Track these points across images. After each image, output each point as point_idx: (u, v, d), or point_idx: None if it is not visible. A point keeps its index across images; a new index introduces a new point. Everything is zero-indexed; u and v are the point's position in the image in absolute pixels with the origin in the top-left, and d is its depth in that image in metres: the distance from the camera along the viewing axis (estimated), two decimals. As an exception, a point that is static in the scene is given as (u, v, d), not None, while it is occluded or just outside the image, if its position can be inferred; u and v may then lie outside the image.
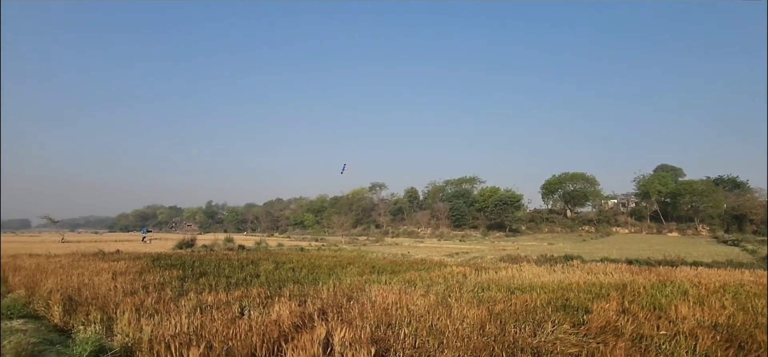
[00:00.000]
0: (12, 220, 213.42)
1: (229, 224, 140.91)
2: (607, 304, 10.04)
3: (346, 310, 8.59)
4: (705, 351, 6.80)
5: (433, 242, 66.00)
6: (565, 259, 26.12)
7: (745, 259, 30.37)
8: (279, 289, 11.86)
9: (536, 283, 14.07)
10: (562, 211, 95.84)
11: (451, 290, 11.99)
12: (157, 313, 7.94)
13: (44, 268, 15.55)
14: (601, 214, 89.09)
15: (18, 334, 6.75)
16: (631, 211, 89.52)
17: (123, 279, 12.98)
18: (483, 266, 21.25)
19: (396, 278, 14.99)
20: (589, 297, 11.17)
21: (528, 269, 19.15)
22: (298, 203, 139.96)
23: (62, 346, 6.41)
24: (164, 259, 22.02)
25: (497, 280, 15.02)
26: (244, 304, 9.31)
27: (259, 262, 20.84)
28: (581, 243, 57.78)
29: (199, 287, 12.09)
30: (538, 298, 10.48)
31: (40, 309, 9.30)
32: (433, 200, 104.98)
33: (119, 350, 5.86)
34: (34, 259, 20.17)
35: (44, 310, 9.11)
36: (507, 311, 8.90)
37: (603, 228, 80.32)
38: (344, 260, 23.34)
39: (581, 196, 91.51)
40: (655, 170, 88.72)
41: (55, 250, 29.23)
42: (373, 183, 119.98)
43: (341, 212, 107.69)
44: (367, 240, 69.30)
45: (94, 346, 5.43)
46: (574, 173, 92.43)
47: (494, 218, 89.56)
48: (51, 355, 5.88)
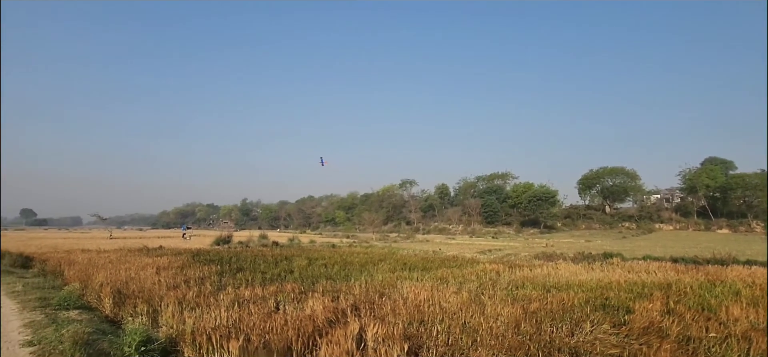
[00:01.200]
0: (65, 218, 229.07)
1: (263, 221, 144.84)
2: (651, 304, 9.59)
3: (378, 306, 8.64)
4: (759, 355, 6.38)
5: (465, 239, 65.21)
6: (604, 257, 25.10)
7: (805, 257, 28.10)
8: (312, 285, 12.10)
9: (573, 281, 13.63)
10: (600, 207, 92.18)
11: (485, 288, 11.82)
12: (198, 307, 8.30)
13: (95, 263, 16.58)
14: (642, 209, 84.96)
15: (74, 324, 7.24)
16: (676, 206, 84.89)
17: (166, 273, 13.63)
18: (517, 264, 20.81)
19: (428, 275, 14.94)
20: (630, 296, 10.71)
21: (564, 267, 18.58)
22: (330, 200, 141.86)
23: (113, 336, 6.82)
24: (203, 254, 22.94)
25: (532, 278, 14.66)
26: (279, 298, 9.57)
27: (293, 258, 21.32)
28: (621, 240, 55.38)
29: (237, 282, 12.53)
30: (575, 297, 10.15)
31: (93, 301, 9.93)
32: (465, 197, 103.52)
33: (164, 341, 6.16)
34: (86, 254, 21.52)
35: (96, 302, 9.73)
36: (543, 310, 8.68)
37: (645, 224, 76.63)
38: (375, 257, 23.49)
39: (621, 191, 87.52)
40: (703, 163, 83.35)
41: (105, 246, 31.10)
42: (403, 180, 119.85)
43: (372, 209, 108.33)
44: (397, 237, 69.37)
45: (141, 337, 5.75)
46: (613, 167, 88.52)
47: (528, 214, 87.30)
48: (104, 344, 6.27)
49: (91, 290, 10.68)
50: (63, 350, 5.86)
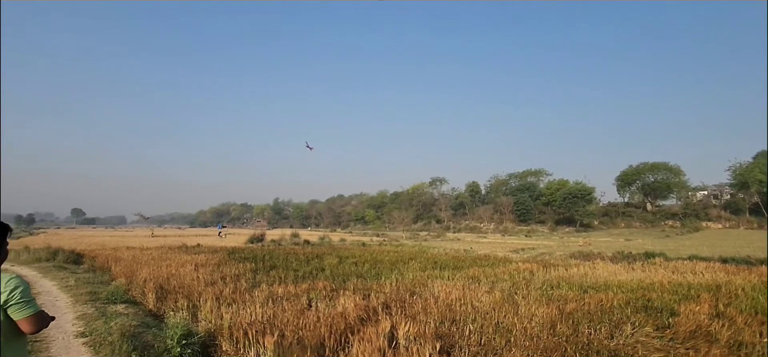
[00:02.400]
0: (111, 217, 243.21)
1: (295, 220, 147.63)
2: (698, 306, 9.06)
3: (409, 305, 8.63)
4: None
5: (497, 238, 63.97)
6: (646, 256, 23.92)
7: None
8: (343, 283, 12.22)
9: (612, 281, 13.09)
10: (640, 204, 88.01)
11: (518, 287, 11.56)
12: (234, 303, 8.56)
13: (139, 260, 17.44)
14: (687, 207, 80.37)
15: (122, 317, 7.65)
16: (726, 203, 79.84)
17: (204, 270, 14.16)
18: (552, 263, 20.21)
19: (459, 274, 14.76)
20: (675, 298, 10.18)
21: (602, 267, 17.89)
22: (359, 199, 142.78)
23: (157, 329, 7.15)
24: (238, 252, 23.64)
25: (568, 277, 14.20)
26: (311, 296, 9.74)
27: (324, 256, 21.61)
28: (664, 239, 52.68)
29: (270, 279, 12.85)
30: (614, 298, 9.74)
31: (138, 295, 10.46)
32: (496, 194, 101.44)
33: (204, 335, 6.40)
34: (131, 251, 22.67)
35: (141, 297, 10.23)
36: (580, 311, 8.39)
37: (690, 223, 72.50)
38: (406, 255, 23.45)
39: (663, 187, 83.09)
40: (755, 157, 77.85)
41: (147, 243, 32.64)
42: (433, 178, 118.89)
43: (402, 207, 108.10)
44: (427, 235, 68.96)
45: (183, 331, 5.99)
46: (654, 163, 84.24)
47: (563, 212, 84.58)
48: (148, 336, 6.59)
49: (135, 285, 11.24)
50: (112, 342, 6.21)
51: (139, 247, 27.02)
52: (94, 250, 24.65)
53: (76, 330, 7.11)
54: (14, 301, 2.20)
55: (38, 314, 2.29)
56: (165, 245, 29.50)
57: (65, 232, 74.70)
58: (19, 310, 2.21)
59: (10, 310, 2.20)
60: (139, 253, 21.44)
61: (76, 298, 10.12)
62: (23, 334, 2.29)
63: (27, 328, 2.26)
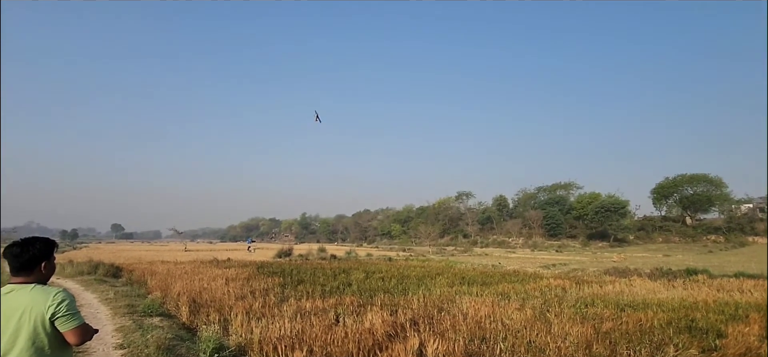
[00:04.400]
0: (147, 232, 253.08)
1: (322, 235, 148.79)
2: (747, 327, 8.50)
3: (437, 321, 8.50)
4: None
5: (526, 253, 62.29)
6: (687, 273, 22.64)
7: None
8: (370, 299, 12.18)
9: (651, 299, 12.49)
10: (679, 218, 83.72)
11: (550, 304, 11.19)
12: (263, 317, 8.69)
13: (173, 274, 17.99)
14: (731, 221, 75.76)
15: (157, 330, 7.90)
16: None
17: (234, 284, 14.45)
18: (585, 279, 19.46)
19: (488, 290, 14.45)
20: (721, 318, 9.58)
21: (640, 284, 17.09)
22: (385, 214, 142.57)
23: (190, 342, 7.35)
24: (267, 267, 24.03)
25: (603, 295, 13.65)
26: (338, 311, 9.75)
27: (350, 271, 21.64)
28: (707, 255, 49.81)
29: (298, 294, 12.96)
30: (654, 318, 9.28)
31: (172, 309, 10.78)
32: (525, 208, 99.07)
33: (235, 349, 6.52)
34: (165, 265, 23.43)
35: (175, 310, 10.54)
36: (617, 330, 8.04)
37: (735, 237, 68.26)
38: (433, 271, 23.17)
39: (704, 200, 78.74)
40: (805, 167, 72.99)
41: (181, 257, 33.69)
42: (459, 192, 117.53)
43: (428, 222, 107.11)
44: (454, 250, 67.97)
45: (215, 344, 6.14)
46: (693, 175, 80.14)
47: (595, 227, 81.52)
48: (182, 349, 6.77)
49: (170, 299, 11.60)
50: (148, 354, 6.42)
51: (173, 261, 27.87)
52: (131, 263, 25.61)
53: (115, 342, 7.40)
54: (61, 314, 2.33)
55: (83, 326, 2.41)
56: (197, 259, 30.32)
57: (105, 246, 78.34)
58: (66, 322, 2.34)
59: (57, 322, 2.33)
60: (173, 267, 22.11)
61: (115, 310, 10.54)
62: (69, 345, 2.42)
63: (73, 340, 2.38)
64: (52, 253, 2.50)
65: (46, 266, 2.46)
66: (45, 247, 2.45)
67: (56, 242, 2.59)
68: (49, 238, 2.51)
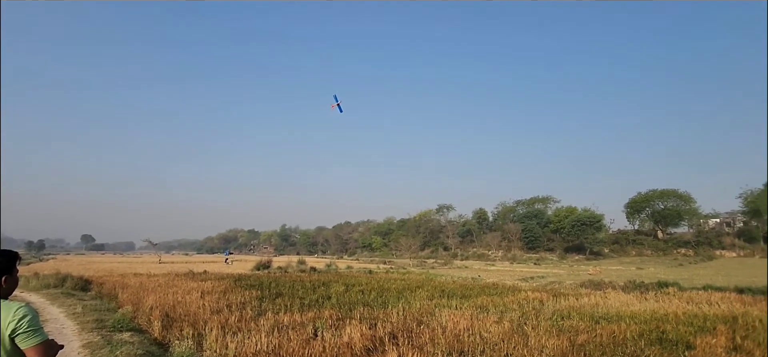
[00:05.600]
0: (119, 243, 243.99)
1: (301, 247, 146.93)
2: (714, 339, 8.80)
3: (416, 335, 8.49)
4: None
5: (505, 265, 62.98)
6: (659, 285, 23.29)
7: None
8: (349, 312, 12.07)
9: (625, 312, 12.80)
10: (651, 231, 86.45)
11: (527, 317, 11.33)
12: (239, 331, 8.49)
13: (146, 287, 17.43)
14: (700, 235, 78.74)
15: (127, 346, 7.61)
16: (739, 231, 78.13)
17: (210, 298, 14.10)
18: (561, 292, 19.80)
19: (467, 303, 14.52)
20: (690, 330, 9.89)
21: (614, 296, 17.49)
22: (366, 226, 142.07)
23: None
24: (244, 279, 23.54)
25: (578, 307, 13.91)
26: (317, 325, 9.62)
27: (330, 284, 21.42)
28: (677, 268, 51.42)
29: (276, 307, 12.73)
30: (627, 330, 9.51)
31: (143, 323, 10.41)
32: (504, 221, 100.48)
33: (208, 365, 6.34)
34: (138, 278, 22.68)
35: (146, 325, 10.18)
36: (591, 343, 8.20)
37: (704, 251, 70.87)
38: (413, 283, 23.15)
39: (674, 214, 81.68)
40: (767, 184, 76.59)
41: (154, 270, 32.66)
42: (440, 204, 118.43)
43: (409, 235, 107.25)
44: (435, 263, 68.12)
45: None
46: (663, 190, 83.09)
47: (572, 240, 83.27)
48: (153, 366, 6.54)
49: (142, 313, 11.22)
50: (116, 371, 6.17)
51: (146, 273, 27.03)
52: (101, 276, 24.70)
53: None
54: (22, 330, 2.22)
55: (46, 343, 2.31)
56: (172, 272, 29.48)
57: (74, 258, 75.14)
58: (27, 339, 2.23)
59: (18, 339, 2.22)
60: (146, 279, 21.43)
61: (82, 325, 10.11)
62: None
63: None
64: (14, 266, 2.40)
65: (8, 280, 2.36)
66: (6, 259, 2.35)
67: (19, 254, 2.49)
68: (10, 250, 2.41)
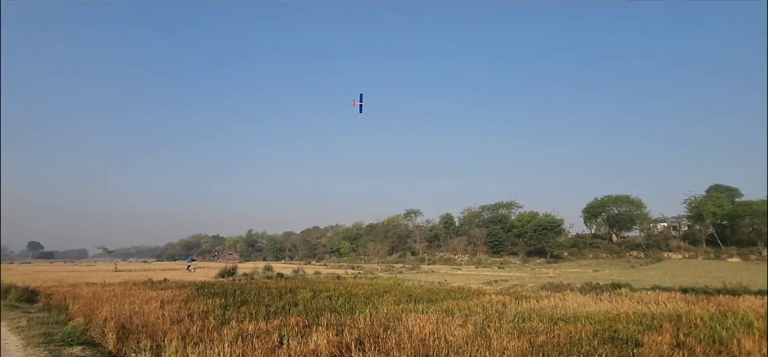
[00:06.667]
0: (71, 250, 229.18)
1: (268, 252, 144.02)
2: (660, 336, 9.41)
3: (382, 340, 8.56)
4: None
5: (471, 269, 64.34)
6: (612, 287, 24.60)
7: (820, 286, 27.42)
8: (316, 318, 12.00)
9: (581, 313, 13.42)
10: (606, 235, 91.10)
11: (491, 320, 11.67)
12: (201, 342, 8.26)
13: (100, 297, 16.56)
14: (650, 238, 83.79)
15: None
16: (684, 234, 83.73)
17: (170, 307, 13.59)
18: (523, 295, 20.49)
19: (433, 307, 14.76)
20: (639, 329, 10.52)
21: (572, 298, 18.29)
22: (335, 231, 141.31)
23: (117, 372, 6.80)
24: (208, 287, 22.82)
25: (539, 309, 14.45)
26: (283, 333, 9.50)
27: (297, 290, 21.16)
28: (629, 270, 54.39)
29: (240, 316, 12.45)
30: (583, 330, 10.00)
31: (97, 336, 9.90)
32: (470, 226, 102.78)
33: (168, 377, 6.14)
34: (91, 287, 21.50)
35: (100, 338, 9.70)
36: (550, 343, 8.56)
37: (653, 253, 75.40)
38: (380, 288, 23.24)
39: (627, 219, 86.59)
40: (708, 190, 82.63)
41: (110, 278, 31.03)
42: (408, 210, 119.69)
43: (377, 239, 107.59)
44: (403, 267, 68.61)
45: (145, 373, 5.74)
46: (617, 196, 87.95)
47: (534, 244, 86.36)
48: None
49: (95, 325, 10.66)
50: (67, 387, 5.86)
51: (100, 282, 25.69)
52: (50, 286, 23.25)
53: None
54: None
55: None
56: (129, 280, 28.13)
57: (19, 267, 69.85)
58: None
59: None
60: (100, 289, 20.38)
61: (27, 340, 9.51)
62: None
63: None
64: None
65: None
66: None
67: None
68: None
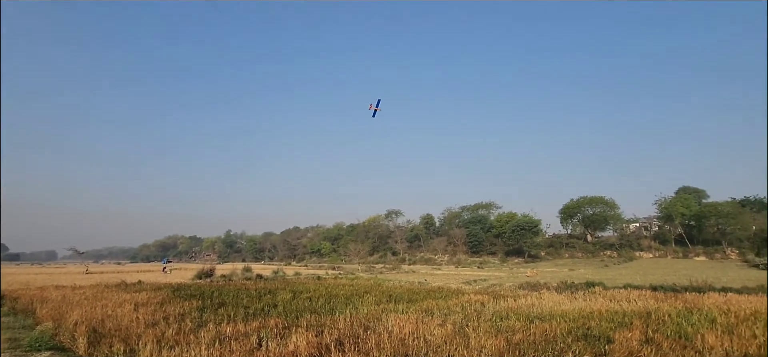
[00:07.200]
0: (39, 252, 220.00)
1: (248, 253, 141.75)
2: (630, 333, 9.77)
3: (362, 340, 8.60)
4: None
5: (451, 269, 64.99)
6: (587, 285, 25.35)
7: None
8: (296, 319, 11.93)
9: (557, 311, 13.78)
10: (582, 235, 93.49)
11: (469, 319, 11.85)
12: (177, 345, 8.11)
13: (70, 300, 15.99)
14: (622, 238, 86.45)
15: (47, 366, 7.00)
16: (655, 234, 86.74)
17: (144, 310, 13.26)
18: (501, 294, 20.87)
19: (413, 307, 14.88)
20: (611, 326, 10.89)
21: (548, 297, 18.73)
22: (315, 231, 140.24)
23: (88, 377, 6.61)
24: (184, 289, 22.35)
25: (516, 308, 14.76)
26: (261, 335, 9.42)
27: (277, 291, 20.96)
28: (603, 269, 56.04)
29: (218, 318, 12.27)
30: (557, 328, 10.28)
31: (66, 341, 9.57)
32: (450, 227, 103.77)
33: (142, 382, 6.02)
34: (61, 291, 20.74)
35: (70, 342, 9.37)
36: (526, 341, 8.77)
37: (625, 253, 77.80)
38: (361, 289, 23.25)
39: (601, 220, 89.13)
40: (677, 192, 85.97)
41: (80, 281, 29.98)
42: (389, 210, 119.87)
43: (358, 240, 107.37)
44: (383, 268, 68.71)
45: (119, 378, 5.61)
46: (592, 197, 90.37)
47: (512, 244, 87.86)
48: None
49: (64, 330, 10.30)
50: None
51: (70, 285, 24.81)
52: (16, 290, 22.33)
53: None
54: None
55: None
56: (101, 283, 27.26)
57: (-19, 269, 66.66)
58: None
59: None
60: (70, 292, 19.68)
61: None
62: None
63: None
64: None
65: None
66: None
67: None
68: None
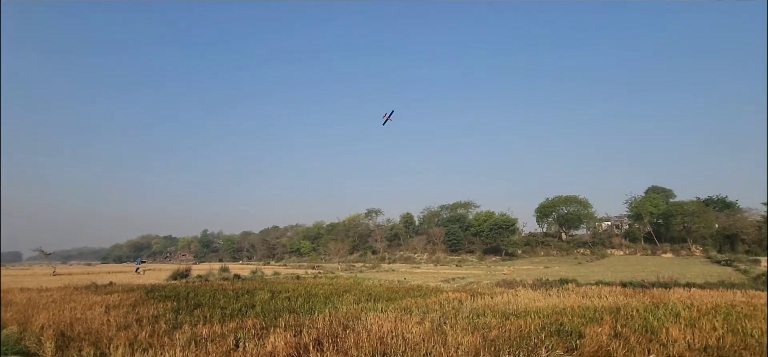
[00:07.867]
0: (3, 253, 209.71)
1: (225, 253, 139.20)
2: (600, 328, 10.13)
3: (341, 339, 8.63)
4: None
5: (430, 267, 65.59)
6: (561, 282, 26.10)
7: (737, 279, 30.49)
8: (275, 320, 11.85)
9: (531, 307, 14.14)
10: (556, 234, 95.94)
11: (447, 317, 12.03)
12: (151, 348, 7.95)
13: (36, 303, 15.40)
14: (595, 236, 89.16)
15: (12, 372, 6.75)
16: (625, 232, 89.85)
17: (116, 312, 12.90)
18: (479, 292, 21.23)
19: (392, 305, 14.98)
20: (582, 321, 11.26)
21: (523, 294, 19.17)
22: (295, 230, 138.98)
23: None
24: (158, 290, 21.82)
25: (493, 305, 15.06)
26: (239, 335, 9.32)
27: (255, 291, 20.71)
28: (577, 266, 57.69)
29: (194, 319, 12.05)
30: (532, 323, 10.57)
31: (33, 345, 9.23)
32: (429, 225, 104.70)
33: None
34: (26, 293, 19.93)
35: (36, 347, 9.05)
36: (501, 337, 8.99)
37: (598, 250, 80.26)
38: (340, 288, 23.23)
39: (575, 218, 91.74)
40: (646, 192, 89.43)
41: (47, 283, 28.82)
42: (368, 209, 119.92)
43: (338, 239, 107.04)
44: (363, 267, 68.72)
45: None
46: (567, 196, 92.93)
47: (490, 242, 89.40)
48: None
49: (30, 334, 9.94)
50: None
51: (36, 287, 23.83)
52: (-24, 293, 21.22)
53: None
54: None
55: None
56: (70, 285, 26.27)
57: (-63, 272, 63.11)
58: None
59: None
60: (36, 295, 18.91)
61: (-49, 351, 8.69)
62: None
63: None
64: None
65: None
66: None
67: None
68: None
